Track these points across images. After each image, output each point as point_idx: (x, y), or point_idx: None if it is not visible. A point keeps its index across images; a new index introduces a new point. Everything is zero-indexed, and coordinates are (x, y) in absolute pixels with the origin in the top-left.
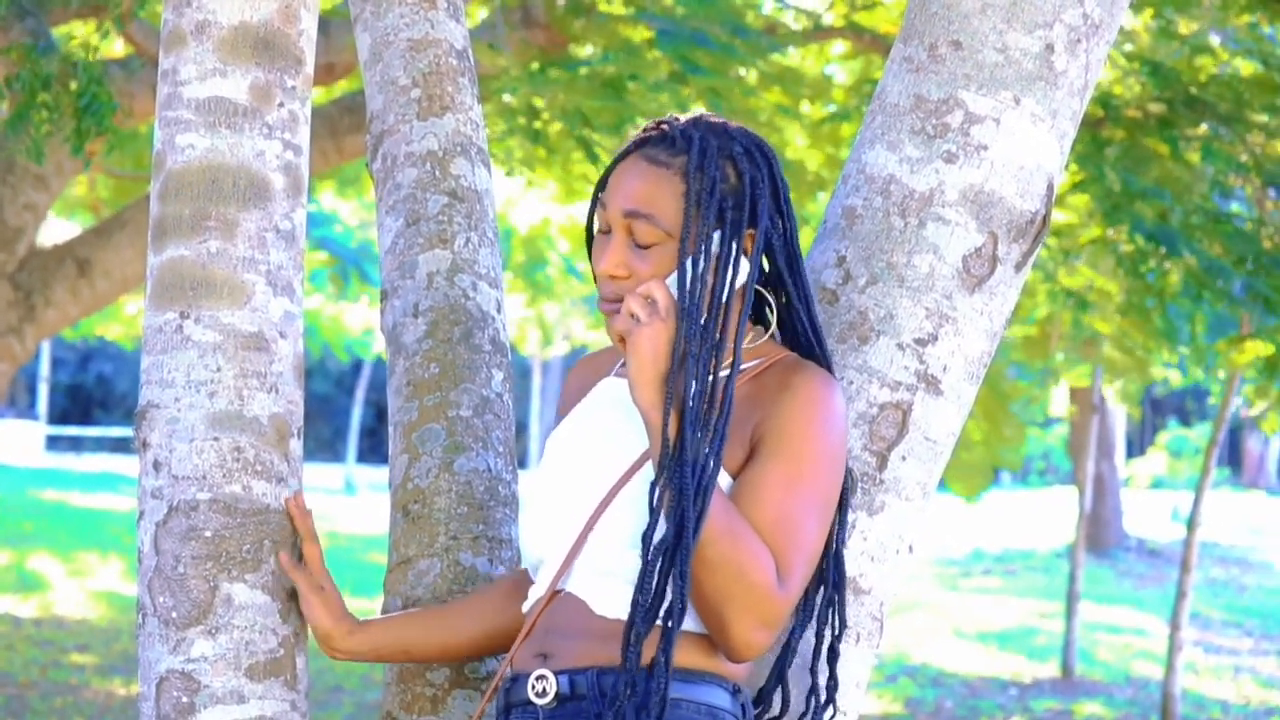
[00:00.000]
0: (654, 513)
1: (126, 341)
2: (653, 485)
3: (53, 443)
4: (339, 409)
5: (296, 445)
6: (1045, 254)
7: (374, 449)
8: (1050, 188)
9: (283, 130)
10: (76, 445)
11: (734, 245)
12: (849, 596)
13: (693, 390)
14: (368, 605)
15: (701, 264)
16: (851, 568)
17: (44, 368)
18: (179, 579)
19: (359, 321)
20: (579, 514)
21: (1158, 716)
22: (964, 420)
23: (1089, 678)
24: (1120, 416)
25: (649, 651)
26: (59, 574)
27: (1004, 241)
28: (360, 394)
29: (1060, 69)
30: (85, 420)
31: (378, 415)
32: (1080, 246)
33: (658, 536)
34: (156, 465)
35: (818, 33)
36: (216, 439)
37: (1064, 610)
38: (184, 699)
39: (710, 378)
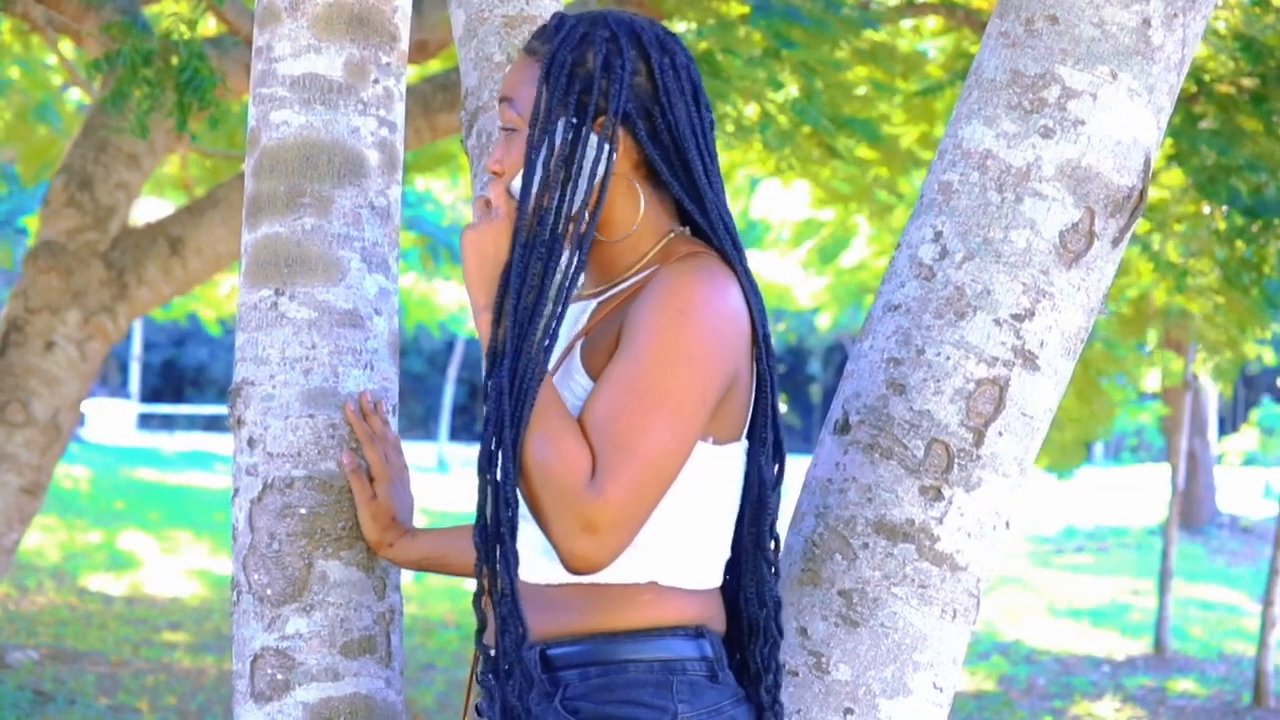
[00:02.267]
0: (487, 416)
1: (215, 327)
2: (484, 383)
3: (145, 421)
4: (431, 387)
5: (392, 421)
6: (1142, 229)
7: (466, 427)
8: (1147, 163)
9: (378, 107)
10: (168, 424)
11: (584, 131)
12: (945, 573)
13: (525, 290)
14: (459, 584)
15: (547, 150)
16: (948, 544)
17: (136, 346)
18: (274, 556)
19: (452, 300)
20: None
21: (1250, 693)
22: (1060, 396)
23: (1182, 654)
24: (1213, 394)
25: (583, 616)
26: (151, 552)
27: (1101, 217)
28: (453, 372)
29: (1157, 43)
30: (177, 399)
31: (470, 393)
32: (1175, 221)
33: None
34: (251, 442)
35: (911, 8)
36: (311, 416)
37: (1156, 587)
38: (279, 676)
39: (546, 273)
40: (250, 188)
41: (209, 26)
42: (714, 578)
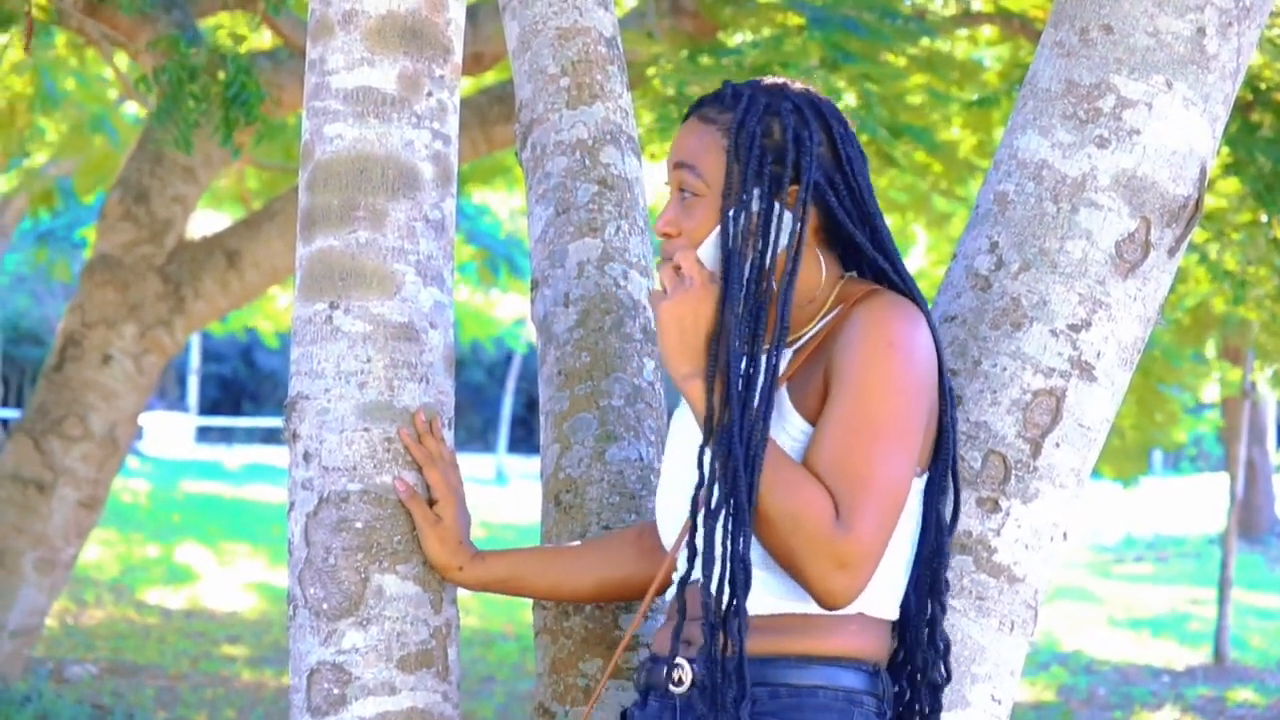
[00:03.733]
0: (703, 480)
1: (273, 340)
2: (700, 450)
3: (203, 434)
4: (490, 399)
5: (448, 436)
6: (1199, 238)
7: (525, 439)
8: (1203, 172)
9: (431, 120)
10: (227, 437)
11: (775, 202)
12: (1002, 585)
13: (736, 357)
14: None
15: (743, 221)
16: (1005, 555)
17: (194, 360)
18: (330, 570)
19: (509, 312)
20: (687, 496)
21: None
22: (1118, 406)
23: (1242, 664)
24: (1271, 402)
25: (775, 640)
26: (209, 566)
27: (1157, 226)
28: (511, 384)
29: (1212, 52)
30: (235, 412)
31: (528, 405)
32: (1232, 230)
33: (712, 505)
34: (307, 456)
35: (966, 18)
36: (367, 430)
37: (1216, 596)
38: (335, 690)
39: (754, 340)
40: (304, 201)
41: (264, 40)
42: (897, 609)
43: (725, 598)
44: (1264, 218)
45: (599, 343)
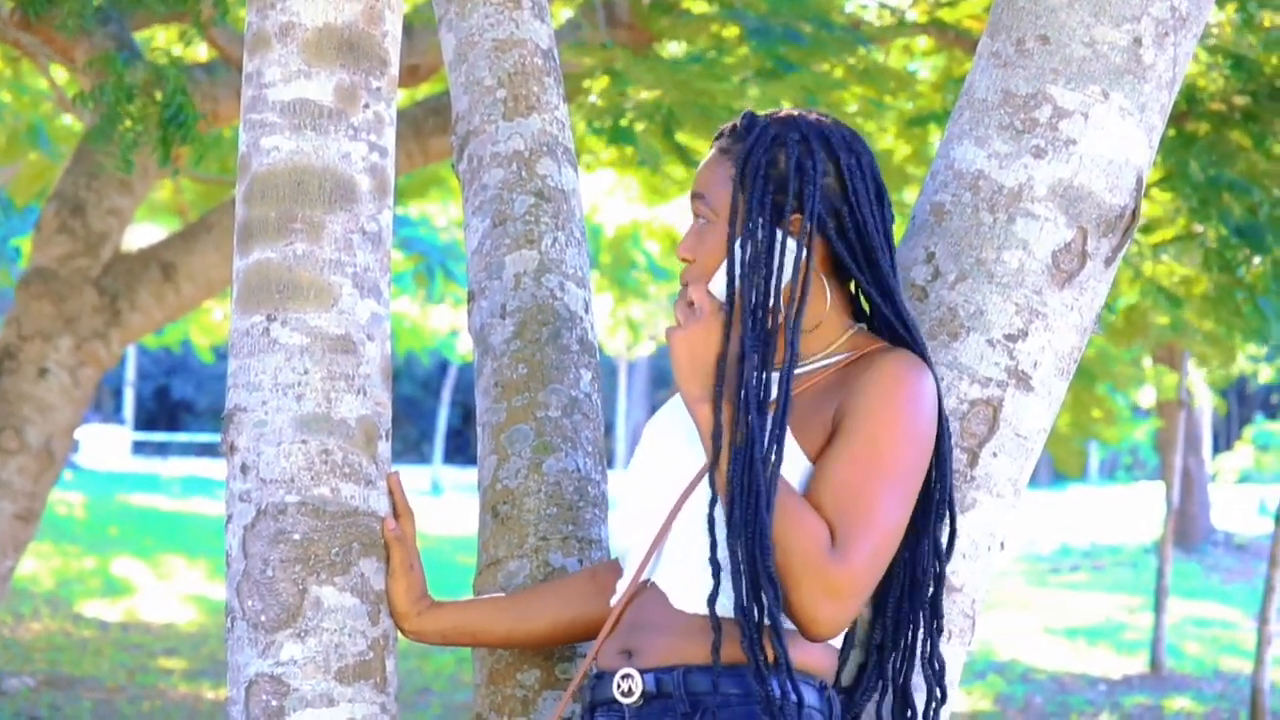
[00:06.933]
0: (713, 502)
1: (208, 355)
2: (710, 476)
3: (139, 448)
4: (425, 410)
5: (384, 447)
6: (1133, 248)
7: (460, 450)
8: (1139, 181)
9: (368, 132)
10: (163, 450)
11: (778, 230)
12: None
13: (748, 380)
14: None
15: (750, 249)
16: None
17: (129, 373)
18: (267, 582)
19: (444, 323)
20: (664, 503)
21: (1246, 711)
22: (1055, 416)
23: (1178, 672)
24: (1207, 411)
25: (732, 648)
26: (145, 578)
27: (1093, 236)
28: (446, 395)
29: (1148, 62)
30: (171, 426)
31: (464, 416)
32: (1167, 241)
33: (728, 525)
34: (244, 468)
35: (901, 29)
36: (304, 442)
37: (1152, 605)
38: (273, 702)
39: (764, 365)
40: (241, 213)
41: (200, 53)
42: (842, 637)
43: (758, 611)
44: (1199, 228)
45: (536, 354)
